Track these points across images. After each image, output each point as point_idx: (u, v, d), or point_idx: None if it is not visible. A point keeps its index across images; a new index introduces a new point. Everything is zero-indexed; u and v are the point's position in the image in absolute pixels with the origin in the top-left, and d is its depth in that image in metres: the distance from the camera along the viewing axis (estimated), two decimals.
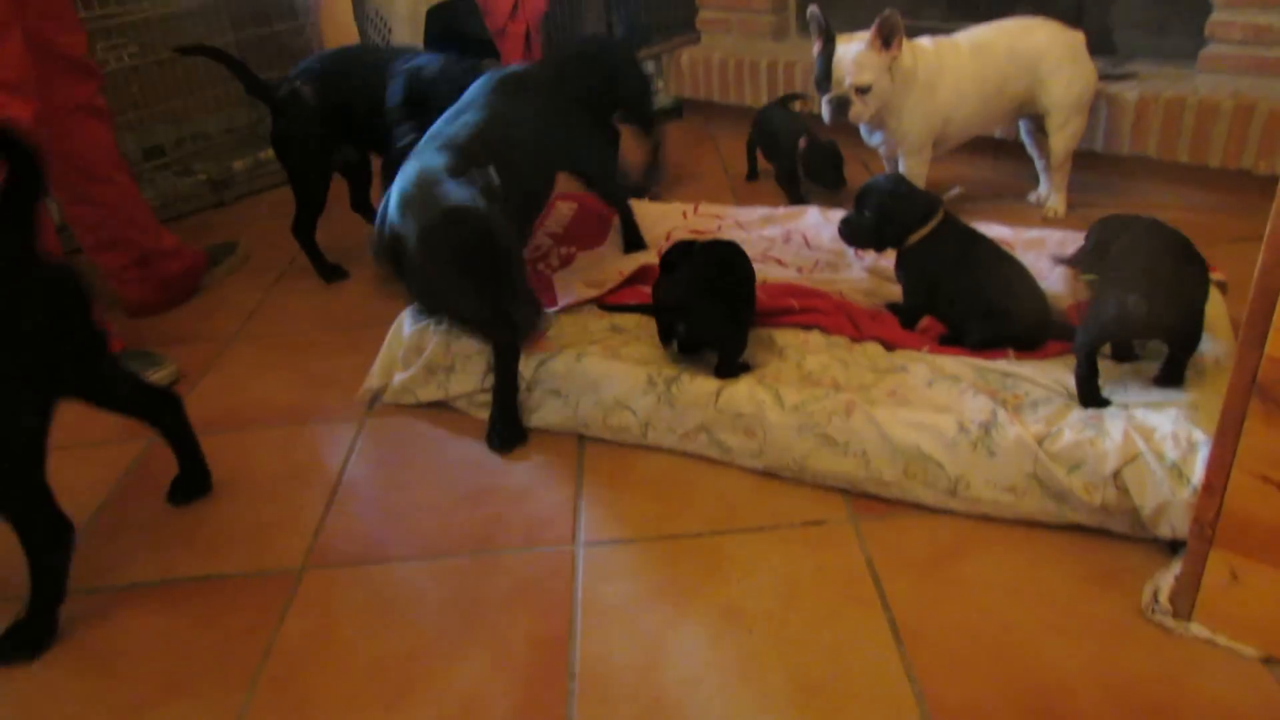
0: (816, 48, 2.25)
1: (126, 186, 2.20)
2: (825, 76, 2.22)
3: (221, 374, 2.09)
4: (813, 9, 2.23)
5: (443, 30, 3.37)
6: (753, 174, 2.87)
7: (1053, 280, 1.88)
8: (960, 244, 1.76)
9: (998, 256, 1.74)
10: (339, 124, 2.28)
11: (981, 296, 1.71)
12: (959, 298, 1.73)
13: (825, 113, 2.25)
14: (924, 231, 1.75)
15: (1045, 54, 2.25)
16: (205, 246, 2.54)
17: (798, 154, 2.48)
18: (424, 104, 2.11)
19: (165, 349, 2.12)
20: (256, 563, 1.52)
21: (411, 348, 1.86)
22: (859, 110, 2.22)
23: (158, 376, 2.02)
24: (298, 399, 1.96)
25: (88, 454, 1.83)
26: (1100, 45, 2.56)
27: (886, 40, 2.15)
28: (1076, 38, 2.28)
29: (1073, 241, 2.07)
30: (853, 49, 2.18)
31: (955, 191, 2.22)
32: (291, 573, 1.49)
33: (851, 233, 1.84)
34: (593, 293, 1.97)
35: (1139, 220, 1.61)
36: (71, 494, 1.45)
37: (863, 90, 2.19)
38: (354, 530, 1.57)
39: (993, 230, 2.06)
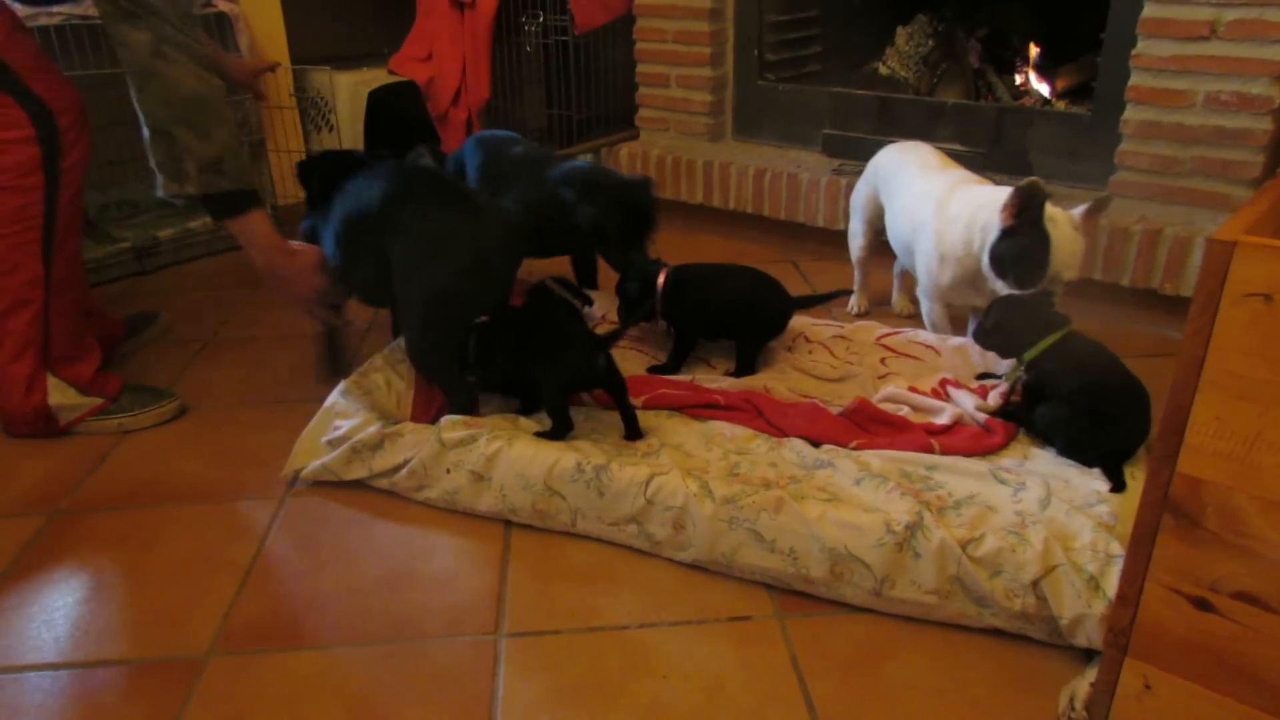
0: (1006, 219, 1.81)
1: None
2: (1042, 268, 1.78)
3: (134, 448, 2.01)
4: (1033, 180, 1.75)
5: (385, 113, 3.40)
6: None
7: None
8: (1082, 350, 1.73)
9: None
10: None
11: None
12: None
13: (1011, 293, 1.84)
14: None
15: None
16: (124, 316, 2.47)
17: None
18: None
19: None
20: (158, 649, 1.44)
21: (342, 434, 1.82)
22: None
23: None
24: (214, 476, 1.90)
25: None
26: (1017, 166, 2.71)
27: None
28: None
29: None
30: (1068, 240, 1.77)
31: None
32: (196, 660, 1.42)
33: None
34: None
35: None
36: None
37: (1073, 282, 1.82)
38: (266, 615, 1.51)
39: (920, 336, 2.14)
